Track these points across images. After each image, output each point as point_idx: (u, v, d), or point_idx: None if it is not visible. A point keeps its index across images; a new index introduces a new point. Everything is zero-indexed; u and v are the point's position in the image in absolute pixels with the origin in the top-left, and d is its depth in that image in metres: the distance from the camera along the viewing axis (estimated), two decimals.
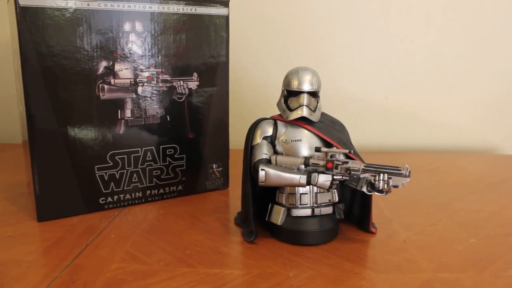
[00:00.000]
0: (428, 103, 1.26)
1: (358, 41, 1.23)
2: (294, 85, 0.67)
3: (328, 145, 0.67)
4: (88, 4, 0.71)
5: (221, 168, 0.89)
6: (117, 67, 0.75)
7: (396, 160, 1.13)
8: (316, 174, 0.63)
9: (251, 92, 1.25)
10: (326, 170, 0.63)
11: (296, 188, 0.66)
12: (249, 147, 0.69)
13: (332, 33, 1.23)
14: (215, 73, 0.84)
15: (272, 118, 0.71)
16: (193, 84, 0.82)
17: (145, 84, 0.78)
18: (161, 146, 0.81)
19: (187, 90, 0.82)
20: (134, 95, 0.77)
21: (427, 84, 1.25)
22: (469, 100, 1.26)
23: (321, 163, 0.64)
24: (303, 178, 0.63)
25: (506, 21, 1.21)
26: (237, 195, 0.75)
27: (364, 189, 0.63)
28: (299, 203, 0.66)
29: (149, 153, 0.81)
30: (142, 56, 0.76)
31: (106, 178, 0.77)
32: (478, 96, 1.26)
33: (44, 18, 0.68)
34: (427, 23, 1.21)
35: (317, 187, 0.64)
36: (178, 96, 0.81)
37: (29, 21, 0.67)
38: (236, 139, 0.95)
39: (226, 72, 0.85)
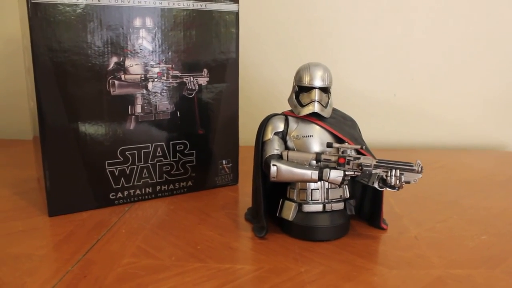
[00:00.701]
0: (436, 100, 1.26)
1: (366, 38, 1.23)
2: (306, 81, 0.67)
3: (339, 140, 0.67)
4: (98, 0, 0.71)
5: (230, 164, 0.89)
6: (128, 62, 0.75)
7: (404, 157, 1.12)
8: (327, 169, 0.63)
9: (260, 89, 1.25)
10: (338, 165, 0.63)
11: (307, 183, 0.66)
12: (260, 143, 0.69)
13: (341, 30, 1.22)
14: (225, 69, 0.84)
15: (283, 113, 0.71)
16: (203, 80, 0.82)
17: (156, 80, 0.78)
18: (171, 142, 0.82)
19: (197, 86, 0.82)
20: (144, 91, 0.77)
21: (436, 81, 1.25)
22: (477, 97, 1.26)
23: (333, 158, 0.64)
24: (314, 174, 0.63)
25: None
26: (247, 191, 0.75)
27: (376, 185, 0.63)
28: (310, 199, 0.66)
29: (159, 148, 0.81)
30: (152, 52, 0.76)
31: (116, 174, 0.78)
32: (486, 93, 1.26)
33: (55, 14, 0.68)
34: (435, 20, 1.21)
35: (329, 182, 0.64)
36: (188, 92, 0.81)
37: (40, 17, 0.67)
38: (245, 136, 0.95)
39: (236, 68, 0.85)
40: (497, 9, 1.20)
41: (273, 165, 0.64)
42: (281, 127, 0.69)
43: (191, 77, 0.81)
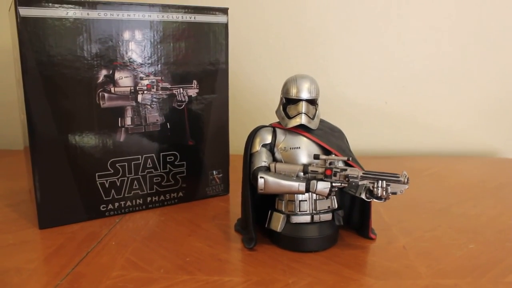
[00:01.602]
0: (427, 108, 1.27)
1: (357, 46, 1.23)
2: (293, 93, 0.67)
3: (327, 152, 0.67)
4: (88, 14, 0.71)
5: (221, 175, 0.89)
6: (117, 75, 0.75)
7: (396, 164, 1.14)
8: (315, 181, 0.64)
9: (251, 97, 1.26)
10: (325, 177, 0.64)
11: (295, 195, 0.66)
12: (248, 155, 0.69)
13: (332, 38, 1.23)
14: (214, 80, 0.85)
15: (271, 125, 0.71)
16: (192, 92, 0.83)
17: (145, 92, 0.78)
18: (161, 153, 0.82)
19: (186, 97, 0.82)
20: (134, 103, 0.78)
21: (427, 88, 1.25)
22: (468, 104, 1.27)
23: (320, 170, 0.64)
24: (302, 186, 0.64)
25: (505, 25, 1.21)
26: (238, 201, 0.75)
27: (363, 196, 0.64)
28: (298, 210, 0.67)
29: (149, 160, 0.81)
30: (141, 64, 0.77)
31: (107, 186, 0.78)
32: (477, 100, 1.26)
33: (45, 28, 0.69)
34: (427, 28, 1.22)
35: (316, 194, 0.65)
36: (178, 103, 0.82)
37: (29, 31, 0.68)
38: (237, 144, 0.95)
39: (225, 79, 0.86)
40: (488, 16, 1.21)
41: (261, 177, 0.65)
42: (268, 139, 0.69)
43: (181, 89, 0.81)
